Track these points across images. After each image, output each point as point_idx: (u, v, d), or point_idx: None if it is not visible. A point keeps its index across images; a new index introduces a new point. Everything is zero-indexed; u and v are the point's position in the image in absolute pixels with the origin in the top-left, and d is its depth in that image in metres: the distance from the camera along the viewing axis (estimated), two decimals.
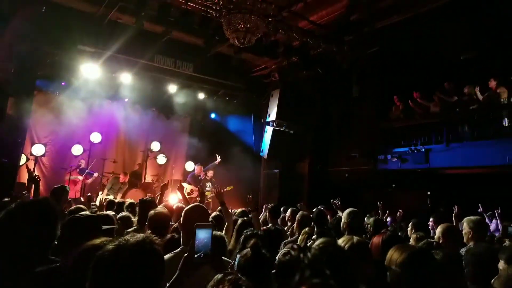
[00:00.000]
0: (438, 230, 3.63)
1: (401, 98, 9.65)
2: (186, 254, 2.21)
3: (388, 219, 5.60)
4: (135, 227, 3.83)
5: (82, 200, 9.19)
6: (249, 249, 2.11)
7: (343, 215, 4.27)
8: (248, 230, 3.31)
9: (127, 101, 10.95)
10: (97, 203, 8.72)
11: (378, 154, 9.54)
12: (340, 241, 2.30)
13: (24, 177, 9.41)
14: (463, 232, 3.64)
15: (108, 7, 7.46)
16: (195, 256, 2.05)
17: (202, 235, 2.08)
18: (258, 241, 2.20)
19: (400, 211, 5.66)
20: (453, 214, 4.95)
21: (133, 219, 4.23)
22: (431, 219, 5.78)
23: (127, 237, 1.24)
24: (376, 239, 2.57)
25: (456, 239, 3.55)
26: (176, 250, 2.35)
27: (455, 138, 8.24)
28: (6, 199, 4.07)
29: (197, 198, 9.57)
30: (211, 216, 3.90)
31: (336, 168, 10.45)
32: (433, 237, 3.82)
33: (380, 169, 9.49)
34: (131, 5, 7.04)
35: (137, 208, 4.06)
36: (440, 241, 3.45)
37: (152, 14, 7.25)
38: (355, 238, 2.31)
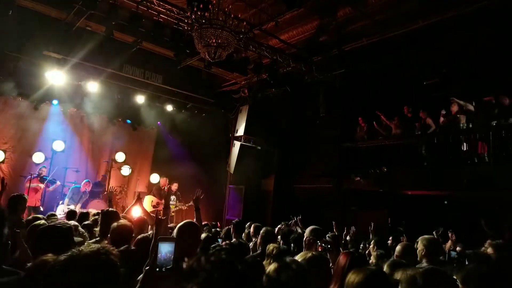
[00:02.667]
0: (397, 248, 3.76)
1: (366, 120, 9.99)
2: (147, 268, 2.20)
3: (348, 237, 5.74)
4: (97, 238, 3.73)
5: (42, 209, 8.82)
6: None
7: (306, 232, 4.36)
8: (216, 244, 3.31)
9: (93, 110, 10.67)
10: (57, 212, 8.43)
11: (342, 173, 9.76)
12: (298, 257, 2.36)
13: None
14: (418, 250, 3.79)
15: (77, 14, 7.33)
16: (157, 269, 2.04)
17: (165, 249, 2.08)
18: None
19: (353, 228, 5.82)
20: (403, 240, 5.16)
21: (95, 229, 4.13)
22: (390, 238, 5.99)
23: (81, 247, 1.21)
24: (342, 260, 2.60)
25: (412, 257, 3.68)
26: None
27: (416, 160, 8.58)
28: None
29: (160, 212, 9.42)
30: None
31: (301, 185, 10.58)
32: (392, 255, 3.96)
33: (343, 188, 9.70)
34: (101, 14, 6.96)
35: (99, 219, 3.96)
36: (398, 259, 3.58)
37: (122, 24, 7.19)
38: (310, 253, 2.39)
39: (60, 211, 8.77)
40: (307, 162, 10.62)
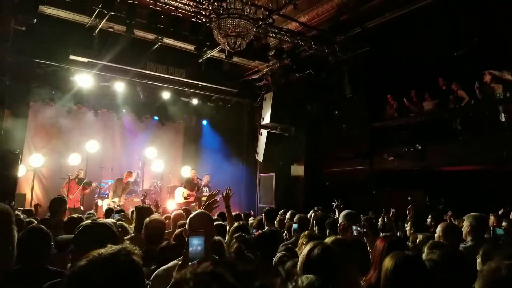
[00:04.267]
0: (438, 229, 3.61)
1: (395, 97, 9.68)
2: (180, 263, 2.22)
3: (385, 219, 5.59)
4: (132, 234, 3.83)
5: (82, 209, 9.20)
6: (232, 253, 2.13)
7: (340, 217, 4.28)
8: (238, 234, 3.31)
9: (122, 109, 10.94)
10: (104, 208, 8.77)
11: (374, 154, 9.54)
12: (326, 241, 2.32)
13: (24, 188, 9.40)
14: (463, 227, 3.64)
15: (99, 17, 7.46)
16: (190, 264, 2.05)
17: (195, 242, 2.09)
18: (241, 245, 2.21)
19: (392, 210, 5.65)
20: (448, 217, 4.97)
21: (130, 226, 4.23)
22: (429, 217, 5.80)
23: (102, 250, 1.20)
24: (380, 244, 2.52)
25: (456, 236, 3.53)
26: (174, 261, 2.35)
27: (451, 135, 8.23)
28: None
29: (195, 203, 9.59)
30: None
31: (332, 169, 10.44)
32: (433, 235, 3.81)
33: (376, 169, 9.49)
34: (122, 14, 7.04)
35: (134, 215, 4.06)
36: (441, 240, 3.45)
37: (142, 22, 7.25)
38: (336, 238, 2.34)
39: (106, 206, 9.10)
40: (336, 145, 10.43)
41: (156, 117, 11.65)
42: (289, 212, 5.79)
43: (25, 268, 2.20)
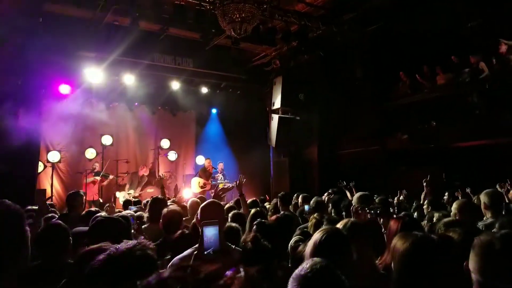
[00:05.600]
0: (454, 206, 3.56)
1: (407, 73, 9.48)
2: (195, 252, 2.25)
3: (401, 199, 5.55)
4: (146, 224, 3.90)
5: (101, 201, 9.41)
6: (249, 242, 2.15)
7: (354, 199, 4.26)
8: (256, 220, 3.33)
9: (133, 102, 11.01)
10: (122, 201, 8.96)
11: (387, 133, 9.41)
12: (339, 225, 2.31)
13: (44, 184, 9.64)
14: (481, 204, 3.58)
15: (103, 11, 7.45)
16: (205, 253, 2.08)
17: (210, 232, 2.12)
18: (257, 234, 2.23)
19: (404, 191, 5.59)
20: (465, 191, 4.89)
21: (144, 214, 4.30)
22: (446, 194, 5.72)
23: (119, 245, 1.24)
24: (393, 225, 2.50)
25: (473, 213, 3.48)
26: (189, 250, 2.39)
27: (466, 110, 8.04)
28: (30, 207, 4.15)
29: (211, 191, 9.69)
30: (225, 207, 3.96)
31: (345, 151, 10.37)
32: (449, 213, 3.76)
33: (390, 149, 9.38)
34: (125, 6, 7.01)
35: (148, 206, 4.12)
36: (457, 217, 3.40)
37: (146, 13, 7.22)
38: (350, 221, 2.33)
39: (122, 198, 9.27)
40: (348, 126, 10.33)
41: (167, 108, 11.71)
42: (300, 196, 5.79)
43: (45, 264, 2.26)
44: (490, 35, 7.75)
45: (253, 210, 3.98)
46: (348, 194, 5.35)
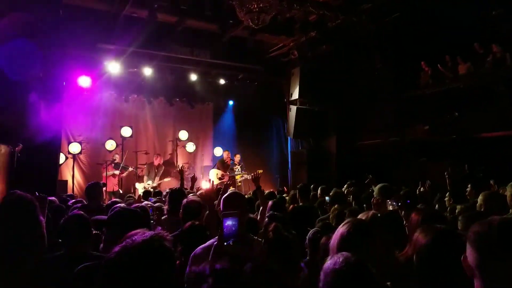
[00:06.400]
0: (480, 197, 3.47)
1: (428, 63, 9.23)
2: (215, 243, 2.25)
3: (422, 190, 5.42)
4: (165, 216, 3.94)
5: (121, 192, 9.58)
6: (270, 232, 2.13)
7: (375, 191, 4.21)
8: (273, 212, 3.33)
9: (151, 94, 11.11)
10: (141, 192, 9.11)
11: (408, 124, 9.23)
12: (359, 217, 2.28)
13: (65, 175, 9.87)
14: (507, 197, 3.47)
15: (122, 3, 7.49)
16: (225, 244, 2.08)
17: (230, 223, 2.11)
18: (279, 224, 2.22)
19: (428, 182, 5.46)
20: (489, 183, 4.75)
21: (164, 207, 4.35)
22: (469, 186, 5.57)
23: (135, 237, 1.22)
24: (414, 218, 2.45)
25: (499, 205, 3.37)
26: (212, 240, 2.40)
27: (491, 99, 7.78)
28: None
29: (229, 183, 9.73)
30: None
31: (364, 143, 10.21)
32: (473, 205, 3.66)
33: (411, 140, 9.20)
34: None
35: (168, 197, 4.15)
36: (482, 209, 3.31)
37: (164, 5, 7.22)
38: (371, 213, 2.29)
39: (141, 189, 9.41)
40: (368, 117, 10.17)
41: (185, 100, 11.79)
42: (320, 187, 5.76)
43: (66, 253, 2.30)
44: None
45: (270, 202, 3.98)
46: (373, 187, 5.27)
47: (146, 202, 4.84)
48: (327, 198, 4.93)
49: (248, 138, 12.03)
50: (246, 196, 4.81)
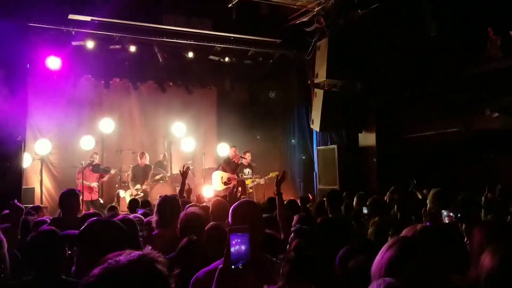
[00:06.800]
0: None
1: (498, 30, 9.09)
2: (220, 266, 2.27)
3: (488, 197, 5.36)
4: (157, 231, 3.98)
5: (101, 201, 9.72)
6: (292, 251, 2.14)
7: (428, 198, 4.20)
8: (297, 225, 3.34)
9: (138, 77, 11.22)
10: (127, 198, 9.23)
11: (471, 110, 9.13)
12: (405, 231, 2.27)
13: (31, 181, 10.04)
14: None
15: None
16: (232, 267, 2.09)
17: (238, 241, 2.12)
18: (304, 240, 2.23)
19: (498, 186, 5.38)
20: None
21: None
22: None
23: (120, 257, 1.20)
24: (477, 235, 2.43)
25: None
26: (217, 262, 2.42)
27: None
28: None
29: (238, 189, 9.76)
30: None
31: (413, 135, 10.14)
32: None
33: (474, 130, 9.11)
34: None
35: (156, 206, 4.18)
36: None
37: None
38: (422, 227, 2.28)
39: (129, 197, 9.57)
40: (418, 102, 10.05)
41: (180, 84, 11.85)
42: (357, 195, 5.75)
43: (37, 279, 2.35)
44: None
45: (296, 216, 4.01)
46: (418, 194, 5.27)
47: (134, 215, 4.90)
48: (364, 208, 4.93)
49: (262, 132, 12.05)
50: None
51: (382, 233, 3.46)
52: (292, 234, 3.28)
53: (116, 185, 10.57)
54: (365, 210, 4.93)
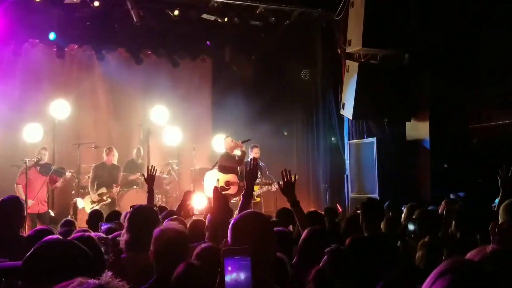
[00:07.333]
0: None
1: None
2: None
3: None
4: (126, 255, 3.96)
5: (52, 214, 9.70)
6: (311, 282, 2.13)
7: (500, 211, 4.17)
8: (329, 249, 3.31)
9: (105, 44, 11.19)
10: (88, 209, 9.23)
11: None
12: (473, 253, 2.22)
13: None
14: None
15: None
16: None
17: (236, 267, 2.10)
18: (325, 268, 2.20)
19: None
20: None
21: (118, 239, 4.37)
22: None
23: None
24: None
25: None
26: None
27: None
28: None
29: (238, 197, 9.73)
30: None
31: (479, 125, 10.10)
32: None
33: None
34: None
35: (126, 220, 4.16)
36: None
37: None
38: (493, 250, 2.22)
39: (88, 207, 9.56)
40: (487, 81, 10.01)
41: (162, 54, 11.83)
42: (406, 207, 5.72)
43: None
44: None
45: (308, 229, 3.96)
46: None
47: (96, 233, 4.88)
48: (410, 224, 4.90)
49: (273, 119, 12.00)
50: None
51: (434, 258, 3.43)
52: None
53: (73, 192, 10.59)
54: (411, 227, 4.90)
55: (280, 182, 4.24)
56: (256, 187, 10.24)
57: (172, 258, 3.27)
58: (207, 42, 11.96)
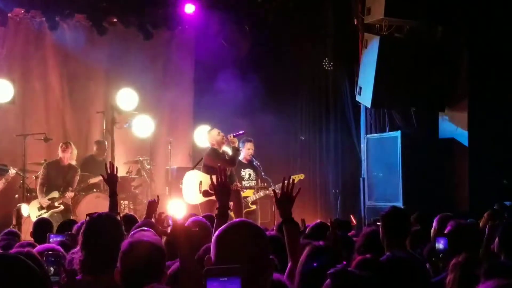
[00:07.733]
0: None
1: None
2: None
3: None
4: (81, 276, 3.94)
5: None
6: None
7: None
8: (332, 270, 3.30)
9: (60, 8, 11.15)
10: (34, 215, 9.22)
11: None
12: None
13: None
14: None
15: None
16: None
17: None
18: None
19: None
20: None
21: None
22: None
23: None
24: None
25: None
26: None
27: None
28: None
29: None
30: None
31: None
32: None
33: None
34: None
35: (81, 234, 4.14)
36: None
37: None
38: None
39: (34, 215, 9.50)
40: None
41: (132, 23, 11.82)
42: (437, 219, 5.74)
43: None
44: None
45: (306, 249, 3.96)
46: None
47: (43, 245, 4.87)
48: (440, 241, 4.89)
49: (272, 107, 12.02)
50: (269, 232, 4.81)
51: (468, 283, 3.41)
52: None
53: (16, 196, 10.57)
54: (440, 244, 4.88)
55: (278, 190, 4.20)
56: (250, 192, 10.25)
57: (144, 278, 3.26)
58: (189, 6, 11.87)
